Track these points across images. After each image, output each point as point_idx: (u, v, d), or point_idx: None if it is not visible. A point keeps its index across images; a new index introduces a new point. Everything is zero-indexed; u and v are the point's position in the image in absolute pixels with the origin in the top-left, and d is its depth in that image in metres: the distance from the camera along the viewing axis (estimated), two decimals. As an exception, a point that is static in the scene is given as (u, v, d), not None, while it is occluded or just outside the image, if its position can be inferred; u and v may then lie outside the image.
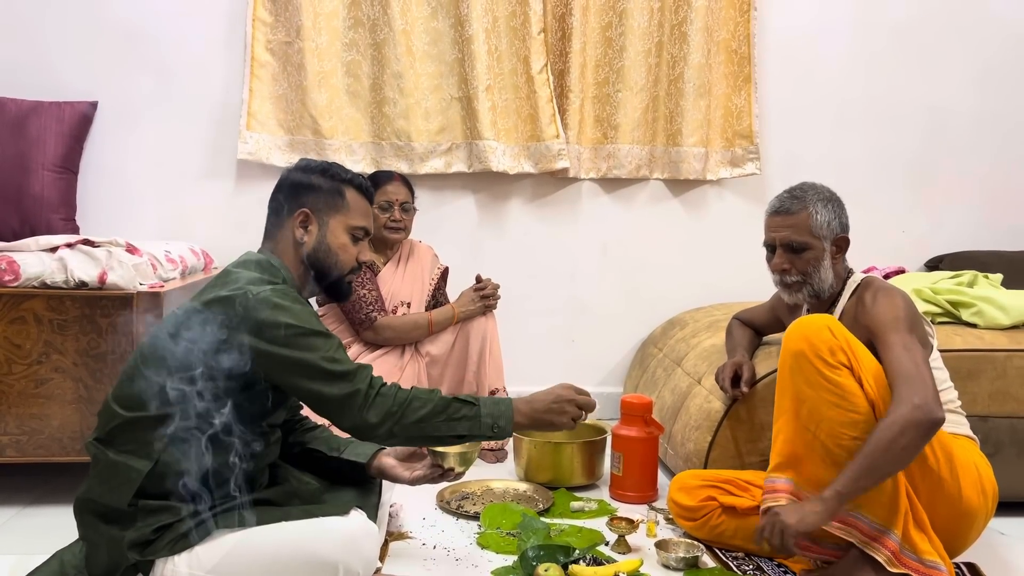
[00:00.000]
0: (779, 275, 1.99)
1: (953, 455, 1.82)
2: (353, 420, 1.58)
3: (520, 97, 3.22)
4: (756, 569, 1.97)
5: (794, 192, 1.99)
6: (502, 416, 1.65)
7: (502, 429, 1.65)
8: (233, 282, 1.61)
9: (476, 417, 1.63)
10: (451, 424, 1.61)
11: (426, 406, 1.60)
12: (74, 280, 2.22)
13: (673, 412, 2.56)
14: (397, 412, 1.58)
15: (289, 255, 1.73)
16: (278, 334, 1.55)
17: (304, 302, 1.65)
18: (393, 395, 1.59)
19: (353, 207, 1.75)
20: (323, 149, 3.15)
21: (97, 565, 1.58)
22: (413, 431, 1.59)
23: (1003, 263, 3.04)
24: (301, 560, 1.53)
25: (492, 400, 1.67)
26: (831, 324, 1.81)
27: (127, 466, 1.53)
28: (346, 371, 1.58)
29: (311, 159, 1.82)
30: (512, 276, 3.10)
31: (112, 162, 3.15)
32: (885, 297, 1.86)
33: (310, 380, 1.57)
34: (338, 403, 1.57)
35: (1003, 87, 3.44)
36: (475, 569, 1.95)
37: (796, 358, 1.80)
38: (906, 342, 1.76)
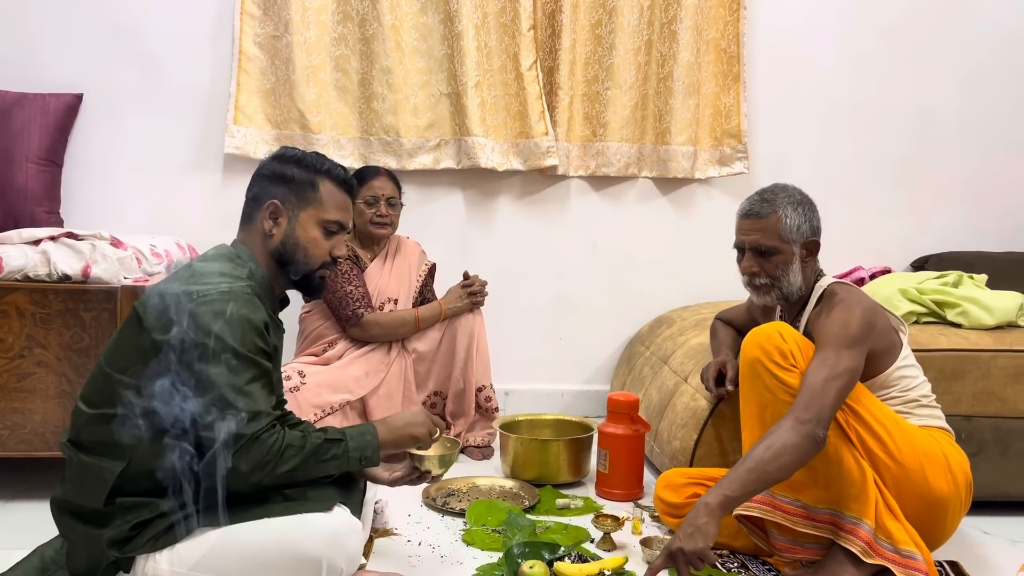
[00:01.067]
0: (748, 277, 2.00)
1: (918, 446, 1.85)
2: (227, 463, 1.50)
3: (509, 94, 3.21)
4: (741, 567, 1.97)
5: (764, 195, 1.99)
6: (368, 446, 1.65)
7: (369, 459, 1.66)
8: (190, 276, 1.58)
9: (344, 454, 1.62)
10: (321, 466, 1.60)
11: (298, 455, 1.56)
12: (57, 273, 2.20)
13: (660, 410, 2.57)
14: (270, 463, 1.53)
15: (258, 248, 1.69)
16: (202, 342, 1.49)
17: (259, 307, 1.58)
18: (270, 445, 1.52)
19: (327, 200, 1.69)
20: (311, 144, 3.13)
21: (77, 563, 1.57)
22: (283, 479, 1.56)
23: (988, 264, 3.06)
24: (284, 556, 1.52)
25: (358, 431, 1.67)
26: (782, 329, 1.88)
27: (100, 467, 1.52)
28: (246, 409, 1.50)
29: (291, 148, 1.76)
30: (500, 273, 3.10)
31: (97, 155, 3.12)
32: (840, 311, 1.87)
33: (208, 401, 1.49)
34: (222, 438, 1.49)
35: (991, 89, 3.46)
36: (460, 566, 1.94)
37: (752, 365, 1.87)
38: (833, 356, 1.78)
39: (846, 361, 1.78)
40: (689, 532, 1.62)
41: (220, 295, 1.53)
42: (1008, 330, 2.47)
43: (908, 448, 1.84)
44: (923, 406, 1.94)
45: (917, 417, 1.91)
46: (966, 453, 1.95)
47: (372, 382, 2.74)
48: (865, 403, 1.86)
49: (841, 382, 1.76)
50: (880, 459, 1.83)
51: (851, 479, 1.80)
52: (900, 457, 1.83)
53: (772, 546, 1.95)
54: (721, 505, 1.64)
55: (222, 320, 1.51)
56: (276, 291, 1.73)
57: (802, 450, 1.69)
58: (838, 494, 1.81)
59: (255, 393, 1.53)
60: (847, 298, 1.90)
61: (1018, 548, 2.12)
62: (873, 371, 1.90)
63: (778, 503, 1.87)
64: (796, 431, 1.69)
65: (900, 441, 1.84)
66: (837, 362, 1.77)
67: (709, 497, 1.66)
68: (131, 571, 1.54)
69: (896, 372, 1.92)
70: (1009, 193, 3.49)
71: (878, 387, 1.92)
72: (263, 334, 1.57)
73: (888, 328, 1.93)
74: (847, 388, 1.78)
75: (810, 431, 1.70)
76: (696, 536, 1.61)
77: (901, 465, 1.83)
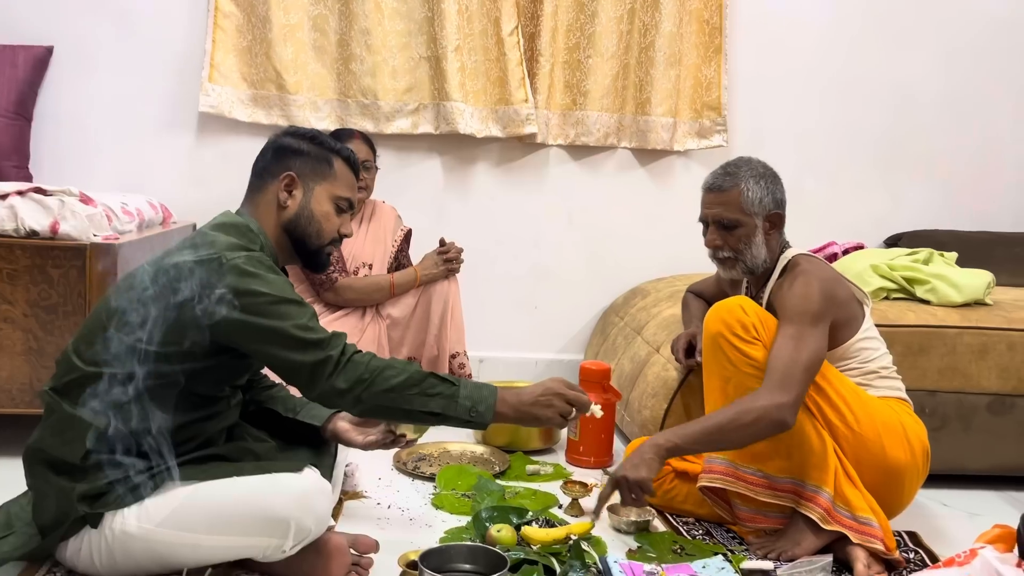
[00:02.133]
0: (712, 251, 2.02)
1: (876, 416, 1.88)
2: (321, 387, 1.54)
3: (490, 59, 3.18)
4: (705, 534, 2.00)
5: (728, 168, 2.00)
6: (483, 401, 1.57)
7: (480, 415, 1.57)
8: (207, 245, 1.57)
9: (453, 397, 1.56)
10: (424, 399, 1.55)
11: (399, 376, 1.55)
12: (25, 229, 2.16)
13: (631, 380, 2.59)
14: (368, 379, 1.53)
15: (269, 220, 1.70)
16: (250, 302, 1.52)
17: (277, 271, 1.61)
18: (366, 362, 1.55)
19: (340, 177, 1.73)
20: (287, 105, 3.09)
21: (45, 515, 1.56)
22: (382, 400, 1.54)
23: (960, 242, 3.10)
24: (252, 515, 1.52)
25: (474, 384, 1.61)
26: (743, 303, 1.91)
27: (83, 421, 1.51)
28: (319, 339, 1.54)
29: (300, 126, 1.79)
30: (476, 241, 3.09)
31: (68, 110, 3.06)
32: (801, 285, 1.89)
33: (282, 348, 1.53)
34: (308, 371, 1.53)
35: (969, 70, 3.47)
36: (429, 529, 1.96)
37: (715, 339, 1.90)
38: (798, 334, 1.80)
39: (813, 341, 1.81)
40: (634, 463, 1.75)
41: (248, 259, 1.56)
42: (975, 308, 2.51)
43: (866, 418, 1.87)
44: (883, 377, 1.97)
45: (876, 388, 1.95)
46: (929, 427, 1.99)
47: (345, 346, 2.73)
48: (825, 374, 1.89)
49: (812, 364, 1.80)
50: (839, 429, 1.87)
51: (812, 448, 1.84)
52: (858, 427, 1.87)
53: (736, 516, 1.98)
54: (669, 450, 1.78)
55: (257, 279, 1.54)
56: (280, 263, 1.74)
57: (767, 432, 1.77)
58: (799, 463, 1.84)
59: (318, 327, 1.56)
60: (808, 269, 1.92)
61: (976, 520, 2.17)
62: (833, 343, 1.93)
63: (741, 474, 1.90)
64: (770, 414, 1.74)
65: (858, 411, 1.87)
66: (806, 342, 1.80)
67: (660, 439, 1.78)
68: (98, 527, 1.54)
69: (856, 344, 1.95)
70: (983, 173, 3.52)
71: (837, 359, 1.95)
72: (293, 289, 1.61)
73: (849, 300, 1.95)
74: (817, 367, 1.82)
75: (782, 418, 1.74)
76: (640, 467, 1.74)
77: (859, 435, 1.87)
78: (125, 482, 1.51)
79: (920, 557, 1.92)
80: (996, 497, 2.38)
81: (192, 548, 1.54)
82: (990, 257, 3.02)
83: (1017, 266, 3.12)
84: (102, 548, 1.54)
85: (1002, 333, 2.39)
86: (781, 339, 1.82)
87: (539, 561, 1.71)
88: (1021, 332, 2.40)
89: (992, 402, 2.37)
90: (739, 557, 1.85)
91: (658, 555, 1.86)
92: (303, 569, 1.61)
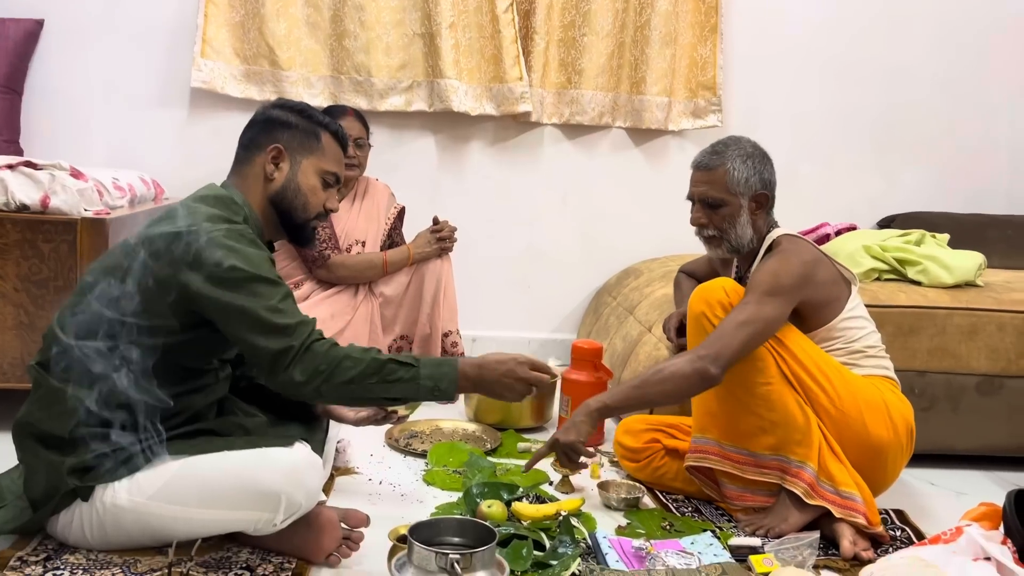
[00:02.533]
0: (697, 229, 2.02)
1: (859, 394, 1.89)
2: (280, 377, 1.53)
3: (484, 36, 3.16)
4: (695, 511, 2.02)
5: (716, 147, 2.00)
6: (444, 378, 1.59)
7: (443, 392, 1.60)
8: (188, 216, 1.57)
9: (414, 379, 1.57)
10: (385, 386, 1.56)
11: (358, 366, 1.54)
12: (15, 203, 2.15)
13: (623, 359, 2.59)
14: (325, 371, 1.52)
15: (255, 192, 1.69)
16: (224, 276, 1.51)
17: (260, 245, 1.60)
18: (324, 352, 1.53)
19: (327, 151, 1.72)
20: (280, 81, 3.08)
21: (35, 488, 1.56)
22: (343, 391, 1.55)
23: (953, 224, 3.10)
24: (243, 489, 1.53)
25: (434, 361, 1.62)
26: (725, 285, 1.93)
27: (69, 394, 1.50)
28: (286, 325, 1.52)
29: (288, 99, 1.78)
30: (470, 219, 3.09)
31: (59, 84, 3.04)
32: (776, 261, 1.90)
33: (248, 328, 1.52)
34: (270, 359, 1.52)
35: (963, 52, 3.46)
36: (420, 504, 1.97)
37: (698, 319, 1.92)
38: (750, 305, 1.82)
39: (767, 310, 1.82)
40: (567, 427, 1.84)
41: (227, 232, 1.55)
42: (966, 289, 2.52)
43: (848, 396, 1.88)
44: (869, 356, 1.97)
45: (862, 368, 1.96)
46: (918, 408, 2.00)
47: (338, 324, 2.73)
48: (809, 351, 1.90)
49: (753, 328, 1.81)
50: (822, 406, 1.88)
51: (795, 424, 1.85)
52: (840, 404, 1.88)
53: (723, 495, 1.99)
54: (599, 411, 1.85)
55: (235, 253, 1.53)
56: (266, 237, 1.73)
57: (689, 382, 1.79)
58: (783, 440, 1.86)
59: (289, 310, 1.55)
60: (787, 249, 1.93)
61: (962, 499, 2.18)
62: (816, 323, 1.94)
63: (727, 453, 1.92)
64: (690, 364, 1.79)
65: (840, 389, 1.88)
66: (756, 309, 1.81)
67: (592, 401, 1.86)
68: (89, 500, 1.54)
69: (841, 324, 1.95)
70: (976, 155, 3.53)
71: (821, 338, 1.95)
72: (272, 265, 1.60)
73: (832, 280, 1.95)
74: (760, 336, 1.82)
75: (703, 367, 1.78)
76: (571, 430, 1.84)
77: (841, 412, 1.88)
78: (114, 455, 1.51)
79: (907, 534, 1.93)
80: (983, 477, 2.40)
81: (183, 521, 1.54)
82: (983, 239, 3.03)
83: (1009, 248, 3.13)
84: (93, 521, 1.55)
85: (992, 314, 2.40)
86: (736, 307, 1.85)
87: (529, 536, 1.72)
88: (1011, 313, 2.41)
89: (981, 382, 2.39)
90: (727, 534, 1.87)
91: (647, 531, 1.87)
92: (294, 542, 1.62)
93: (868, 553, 1.79)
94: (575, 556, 1.67)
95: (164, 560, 1.54)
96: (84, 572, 1.53)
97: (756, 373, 1.85)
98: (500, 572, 1.38)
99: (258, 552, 1.64)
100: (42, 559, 1.56)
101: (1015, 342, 2.38)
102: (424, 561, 1.33)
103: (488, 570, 1.36)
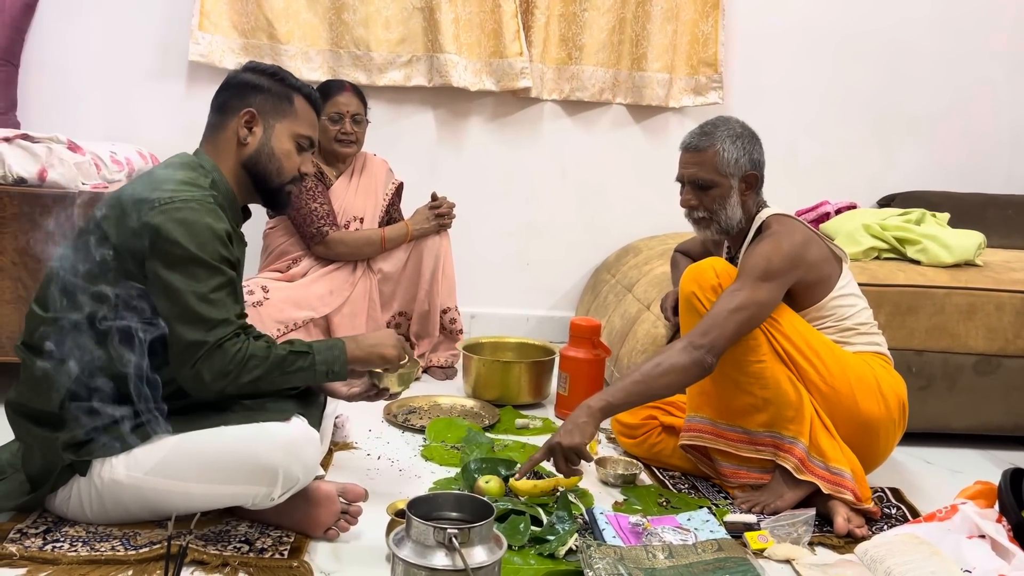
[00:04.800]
0: (687, 211, 2.01)
1: (849, 370, 1.90)
2: (186, 371, 1.51)
3: (484, 10, 3.13)
4: (691, 488, 2.03)
5: (705, 128, 1.99)
6: (336, 361, 1.64)
7: (336, 374, 1.65)
8: (151, 182, 1.56)
9: (311, 367, 1.61)
10: (286, 378, 1.60)
11: (262, 365, 1.55)
12: (12, 176, 2.14)
13: (621, 336, 2.60)
14: (232, 372, 1.52)
15: (228, 157, 1.67)
16: (165, 250, 1.49)
17: (221, 215, 1.57)
18: (233, 354, 1.52)
19: (301, 114, 1.70)
20: (278, 55, 3.05)
21: (33, 465, 1.57)
22: (248, 388, 1.57)
23: (953, 203, 3.10)
24: (241, 463, 1.53)
25: (326, 345, 1.66)
26: (715, 265, 1.93)
27: (55, 371, 1.50)
28: (207, 317, 1.50)
29: (260, 62, 1.75)
30: (468, 196, 3.08)
31: (56, 57, 3.01)
32: (766, 244, 1.89)
33: (172, 313, 1.50)
34: (181, 348, 1.50)
35: (964, 30, 3.44)
36: (418, 480, 1.98)
37: (689, 299, 1.93)
38: (742, 290, 1.82)
39: (760, 294, 1.82)
40: (569, 429, 1.75)
41: (182, 203, 1.52)
42: (965, 268, 2.52)
43: (839, 372, 1.89)
44: (860, 334, 1.98)
45: (853, 345, 1.96)
46: (915, 387, 2.00)
47: (336, 300, 2.73)
48: (800, 329, 1.90)
49: (746, 314, 1.81)
50: (812, 383, 1.89)
51: (788, 401, 1.86)
52: (831, 381, 1.88)
53: (719, 473, 2.00)
54: (602, 409, 1.78)
55: (184, 228, 1.50)
56: (240, 201, 1.71)
57: (688, 373, 1.79)
58: (776, 416, 1.87)
59: (219, 301, 1.53)
60: (778, 231, 1.92)
61: (958, 477, 2.20)
62: (806, 302, 1.94)
63: (721, 431, 1.93)
64: (687, 354, 1.78)
65: (832, 366, 1.89)
66: (749, 295, 1.81)
67: (593, 401, 1.79)
68: (87, 475, 1.55)
69: (832, 302, 1.95)
70: (977, 134, 3.51)
71: (812, 316, 1.95)
72: (226, 243, 1.56)
73: (822, 260, 1.94)
74: (753, 320, 1.83)
75: (700, 357, 1.77)
76: (574, 432, 1.75)
77: (832, 388, 1.88)
78: (107, 429, 1.51)
79: (902, 512, 1.94)
80: (979, 456, 2.41)
81: (181, 496, 1.55)
82: (982, 218, 3.03)
83: (1009, 227, 3.13)
84: (92, 496, 1.56)
85: (990, 294, 2.40)
86: (726, 292, 1.84)
87: (526, 512, 1.73)
88: (1009, 293, 2.41)
89: (978, 362, 2.39)
90: (723, 510, 1.88)
91: (644, 508, 1.88)
92: (293, 516, 1.63)
93: (862, 530, 1.80)
94: (572, 531, 1.68)
95: (163, 533, 1.55)
96: (84, 544, 1.54)
97: (749, 352, 1.85)
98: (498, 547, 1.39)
99: (256, 526, 1.65)
100: (41, 531, 1.57)
101: (1013, 322, 2.39)
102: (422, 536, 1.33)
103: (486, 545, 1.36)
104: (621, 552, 1.62)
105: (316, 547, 1.63)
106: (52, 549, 1.52)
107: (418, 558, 1.31)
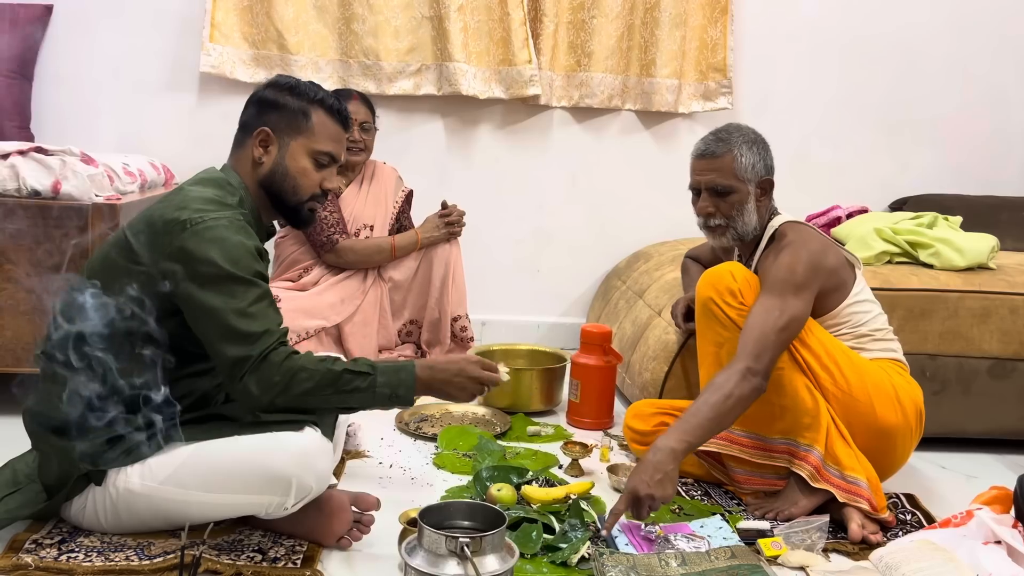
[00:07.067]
0: (704, 218, 2.00)
1: (866, 377, 1.89)
2: (236, 387, 1.51)
3: (493, 19, 3.14)
4: (704, 495, 2.02)
5: (719, 134, 1.98)
6: (402, 385, 1.58)
7: (401, 398, 1.59)
8: (181, 201, 1.57)
9: (371, 388, 1.55)
10: (342, 396, 1.54)
11: (313, 378, 1.51)
12: (27, 189, 2.16)
13: (632, 343, 2.59)
14: (280, 383, 1.50)
15: (248, 175, 1.68)
16: (199, 270, 1.50)
17: (250, 232, 1.58)
18: (279, 363, 1.50)
19: (319, 130, 1.68)
20: (289, 65, 3.07)
21: (49, 474, 1.58)
22: (299, 403, 1.54)
23: (965, 207, 3.08)
24: (254, 473, 1.54)
25: (392, 368, 1.59)
26: (733, 269, 1.92)
27: (74, 381, 1.50)
28: (249, 332, 1.49)
29: (286, 76, 1.74)
30: (478, 203, 3.08)
31: (69, 70, 3.04)
32: (788, 255, 1.88)
33: (212, 330, 1.51)
34: (228, 365, 1.50)
35: (976, 33, 3.42)
36: (430, 488, 1.98)
37: (706, 305, 1.92)
38: (776, 305, 1.80)
39: (792, 308, 1.81)
40: (658, 479, 1.65)
41: (214, 221, 1.53)
42: (978, 272, 2.50)
43: (856, 380, 1.88)
44: (876, 340, 1.97)
45: (869, 351, 1.95)
46: (930, 391, 1.99)
47: (348, 309, 2.74)
48: (818, 336, 1.90)
49: (790, 332, 1.81)
50: (829, 391, 1.88)
51: (804, 408, 1.85)
52: (848, 388, 1.87)
53: (732, 479, 2.00)
54: (685, 451, 1.71)
55: (216, 246, 1.51)
56: (264, 221, 1.72)
57: (751, 400, 1.77)
58: (792, 423, 1.86)
59: (259, 313, 1.52)
60: (795, 240, 1.91)
61: (973, 483, 2.18)
62: (823, 309, 1.93)
63: (735, 437, 1.92)
64: (748, 383, 1.74)
65: (849, 373, 1.88)
66: (784, 310, 1.80)
67: (673, 442, 1.69)
68: (102, 484, 1.56)
69: (847, 309, 1.95)
70: (988, 136, 3.49)
71: (828, 324, 1.95)
72: (258, 258, 1.57)
73: (838, 267, 1.94)
74: (793, 336, 1.83)
75: (759, 384, 1.76)
76: (666, 483, 1.66)
77: (849, 395, 1.87)
78: (124, 439, 1.52)
79: (917, 518, 1.93)
80: (994, 460, 2.39)
81: (195, 505, 1.56)
82: (996, 221, 3.01)
83: (1022, 230, 3.10)
84: (107, 506, 1.57)
85: (1004, 297, 2.39)
86: (759, 307, 1.82)
87: (538, 520, 1.73)
88: (1023, 296, 2.39)
89: (993, 366, 2.38)
90: (736, 517, 1.87)
91: (657, 514, 1.87)
92: (305, 526, 1.64)
93: (877, 537, 1.79)
94: (584, 539, 1.67)
95: (177, 543, 1.55)
96: (98, 554, 1.55)
97: None
98: (510, 555, 1.39)
99: (270, 535, 1.65)
100: (56, 542, 1.58)
101: (1027, 325, 2.37)
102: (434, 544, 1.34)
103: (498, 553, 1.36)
104: (634, 560, 1.62)
105: (329, 556, 1.63)
106: (67, 559, 1.53)
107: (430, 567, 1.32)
